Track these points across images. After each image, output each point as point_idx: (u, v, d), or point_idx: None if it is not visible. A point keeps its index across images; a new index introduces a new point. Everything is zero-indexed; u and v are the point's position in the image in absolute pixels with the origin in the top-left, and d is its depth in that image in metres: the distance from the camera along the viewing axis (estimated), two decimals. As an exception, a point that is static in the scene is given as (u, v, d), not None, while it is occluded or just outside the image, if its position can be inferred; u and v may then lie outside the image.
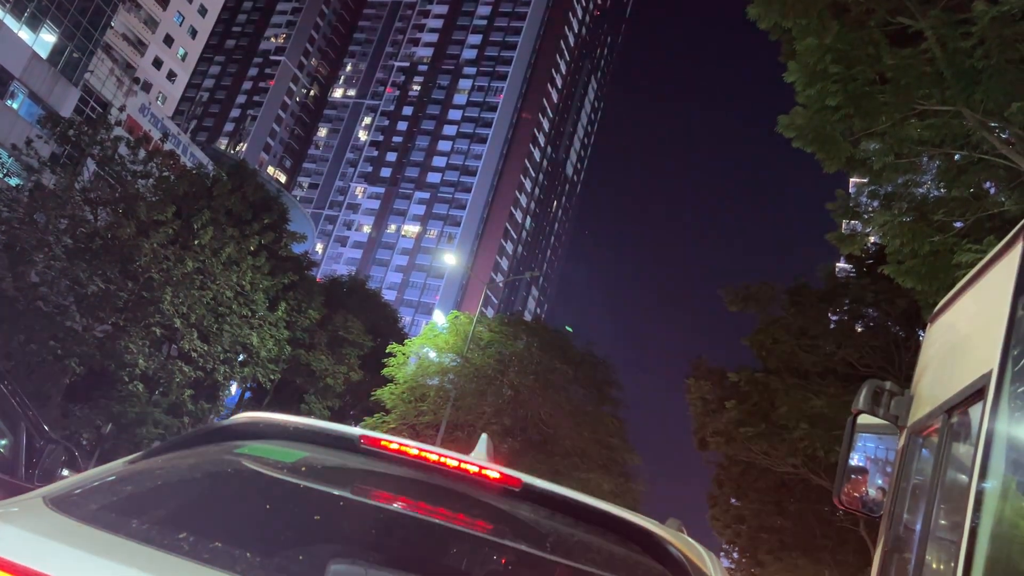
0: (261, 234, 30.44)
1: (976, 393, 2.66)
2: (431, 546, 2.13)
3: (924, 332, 16.48)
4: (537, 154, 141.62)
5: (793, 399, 19.33)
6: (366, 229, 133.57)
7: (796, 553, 31.29)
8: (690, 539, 2.23)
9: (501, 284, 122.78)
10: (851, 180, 19.87)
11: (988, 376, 2.54)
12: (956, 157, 12.18)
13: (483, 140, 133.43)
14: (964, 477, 2.82)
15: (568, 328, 34.05)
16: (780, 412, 19.55)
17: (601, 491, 31.65)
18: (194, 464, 2.22)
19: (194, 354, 29.37)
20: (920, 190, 12.54)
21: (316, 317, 33.89)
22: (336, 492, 2.21)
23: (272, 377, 32.68)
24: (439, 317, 38.59)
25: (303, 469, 2.24)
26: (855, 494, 3.24)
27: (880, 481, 3.25)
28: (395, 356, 31.69)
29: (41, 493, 1.87)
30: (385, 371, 31.48)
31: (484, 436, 2.72)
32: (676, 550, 2.00)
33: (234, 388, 35.12)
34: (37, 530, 1.65)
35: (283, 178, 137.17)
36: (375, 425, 31.24)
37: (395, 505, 2.18)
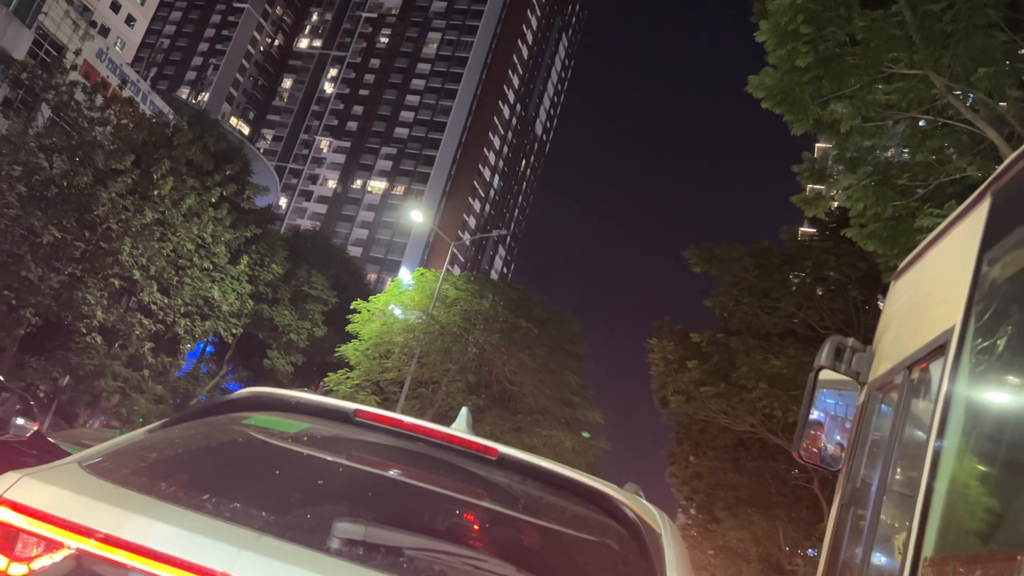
0: (223, 186, 29.77)
1: (937, 349, 2.66)
2: (419, 507, 2.33)
3: (883, 296, 16.83)
4: (506, 111, 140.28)
5: (753, 359, 19.63)
6: (331, 183, 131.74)
7: (751, 509, 32.05)
8: (645, 501, 2.47)
9: (468, 242, 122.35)
10: (816, 146, 20.00)
11: (950, 332, 2.54)
12: (921, 123, 12.29)
13: (452, 95, 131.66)
14: (922, 433, 2.84)
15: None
16: (740, 372, 19.85)
17: (563, 448, 32.07)
18: (208, 433, 2.48)
19: (154, 307, 28.90)
20: (885, 155, 12.64)
21: (279, 271, 33.46)
22: (335, 459, 2.43)
23: (234, 331, 32.32)
24: (405, 275, 38.41)
25: (305, 439, 2.48)
26: (814, 448, 3.25)
27: (839, 436, 3.27)
28: (360, 313, 31.50)
29: (76, 459, 2.09)
30: (350, 327, 31.30)
31: (464, 409, 2.94)
32: (631, 511, 2.25)
33: (194, 343, 34.70)
34: (81, 491, 1.86)
35: (246, 130, 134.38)
36: (339, 381, 31.18)
37: (387, 471, 2.42)
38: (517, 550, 2.26)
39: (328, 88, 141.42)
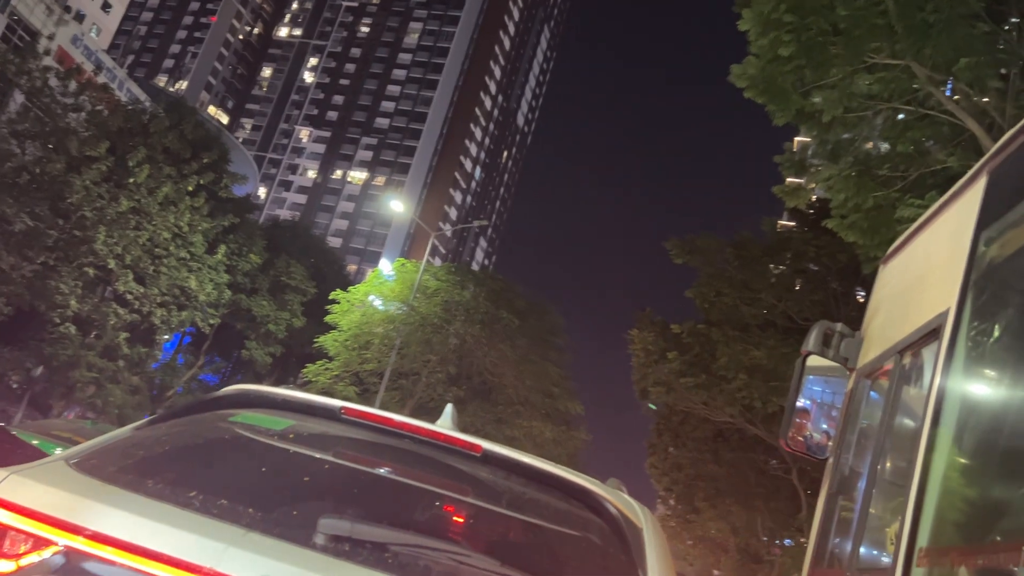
0: (200, 174, 29.37)
1: (930, 334, 2.58)
2: (405, 503, 2.36)
3: (863, 287, 16.86)
4: (488, 102, 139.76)
5: (733, 350, 19.65)
6: (311, 174, 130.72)
7: (730, 500, 32.21)
8: (627, 497, 2.48)
9: (449, 233, 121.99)
10: (796, 139, 20.01)
11: (944, 316, 2.46)
12: (900, 116, 12.28)
13: (433, 86, 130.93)
14: (915, 421, 2.76)
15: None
16: (721, 363, 19.87)
17: (544, 439, 32.04)
18: (195, 431, 2.50)
19: (129, 296, 28.49)
20: (866, 146, 12.63)
21: (257, 261, 33.09)
22: (321, 456, 2.45)
23: (211, 322, 31.97)
24: (385, 266, 38.15)
25: (291, 436, 2.50)
26: (800, 436, 3.17)
27: (827, 424, 3.19)
28: (339, 303, 31.24)
29: (63, 456, 2.09)
30: (329, 318, 31.03)
31: (449, 406, 2.99)
32: (612, 506, 2.28)
33: (171, 334, 34.29)
34: (69, 488, 1.87)
35: (225, 119, 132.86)
36: (318, 372, 30.92)
37: (373, 468, 2.44)
38: (501, 545, 2.31)
39: (308, 77, 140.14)
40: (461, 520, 2.38)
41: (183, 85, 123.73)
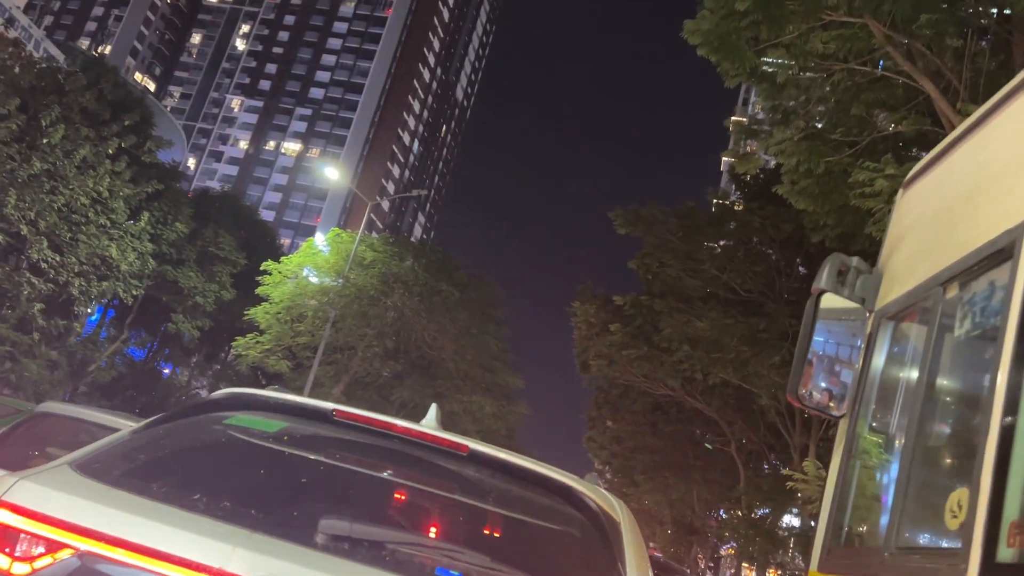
0: (121, 136, 27.70)
1: (995, 255, 2.06)
2: (397, 502, 2.49)
3: (804, 261, 16.59)
4: (426, 75, 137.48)
5: (677, 321, 19.44)
6: (243, 145, 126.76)
7: (668, 472, 32.40)
8: (605, 492, 2.55)
9: (386, 204, 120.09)
10: (732, 119, 19.67)
11: (1018, 231, 1.94)
12: (856, 78, 11.97)
13: (370, 56, 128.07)
14: (973, 366, 2.25)
15: None
16: (664, 333, 19.66)
17: (483, 413, 31.60)
18: (192, 434, 2.59)
19: (44, 265, 26.82)
20: (820, 108, 12.32)
21: (184, 230, 31.47)
22: (316, 457, 2.55)
23: (135, 293, 30.38)
24: (321, 239, 36.97)
25: (285, 438, 2.56)
26: (812, 390, 2.64)
27: (843, 376, 2.67)
28: (271, 274, 30.06)
29: (65, 460, 2.13)
30: (260, 290, 29.84)
31: (434, 406, 2.98)
32: (593, 502, 2.37)
33: (91, 306, 32.55)
34: (77, 492, 1.92)
35: (152, 86, 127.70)
36: (248, 346, 29.78)
37: (366, 468, 2.53)
38: (488, 540, 2.42)
39: (240, 45, 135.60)
40: (451, 517, 2.50)
41: (107, 49, 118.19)
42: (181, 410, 2.67)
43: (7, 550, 1.85)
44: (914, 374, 2.44)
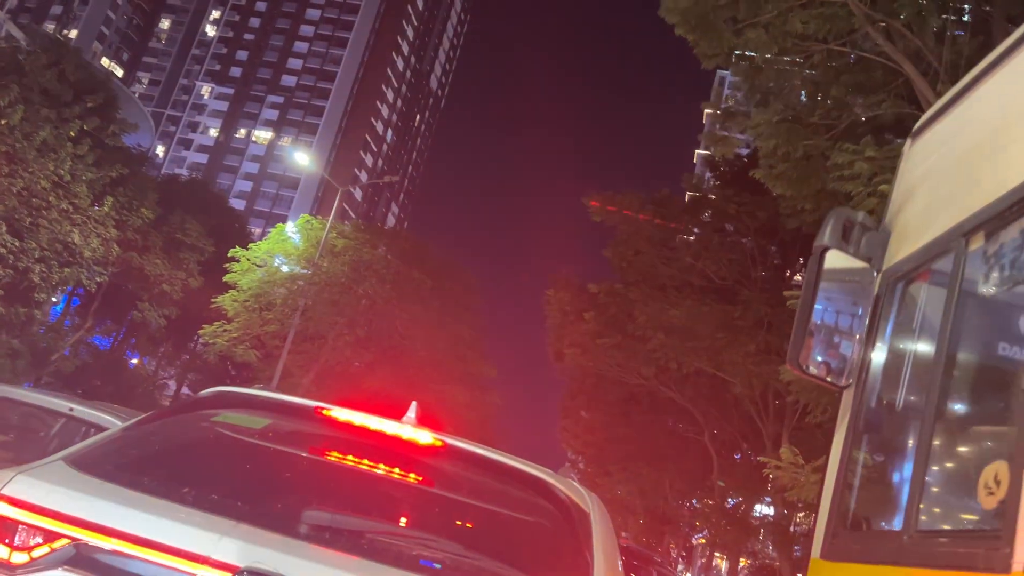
0: (83, 118, 26.91)
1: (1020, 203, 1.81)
2: (376, 494, 2.57)
3: (778, 247, 16.38)
4: (400, 63, 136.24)
5: (652, 309, 19.27)
6: (213, 132, 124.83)
7: (640, 462, 32.33)
8: (577, 485, 2.65)
9: (359, 193, 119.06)
10: (705, 112, 19.55)
11: None
12: (833, 64, 11.80)
13: (343, 44, 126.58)
14: (995, 325, 1.99)
15: None
16: (639, 322, 19.48)
17: (456, 403, 31.28)
18: (181, 430, 2.69)
19: (3, 251, 26.02)
20: (798, 91, 12.15)
21: (149, 216, 30.65)
22: (299, 453, 2.68)
23: (98, 280, 29.61)
24: (291, 227, 36.36)
25: (270, 434, 2.67)
26: (814, 358, 2.37)
27: (848, 343, 2.40)
28: (239, 261, 29.46)
29: (60, 456, 2.28)
30: (227, 277, 29.24)
31: (414, 403, 2.99)
32: (563, 494, 2.45)
33: (52, 293, 31.70)
34: (72, 486, 2.06)
35: (120, 72, 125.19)
36: (216, 334, 29.19)
37: (346, 462, 2.63)
38: (462, 530, 2.54)
39: (210, 31, 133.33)
40: (427, 509, 2.60)
41: (73, 34, 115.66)
42: (171, 408, 2.91)
43: (6, 541, 1.96)
44: (931, 338, 2.18)
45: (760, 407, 20.87)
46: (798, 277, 20.03)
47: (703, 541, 40.42)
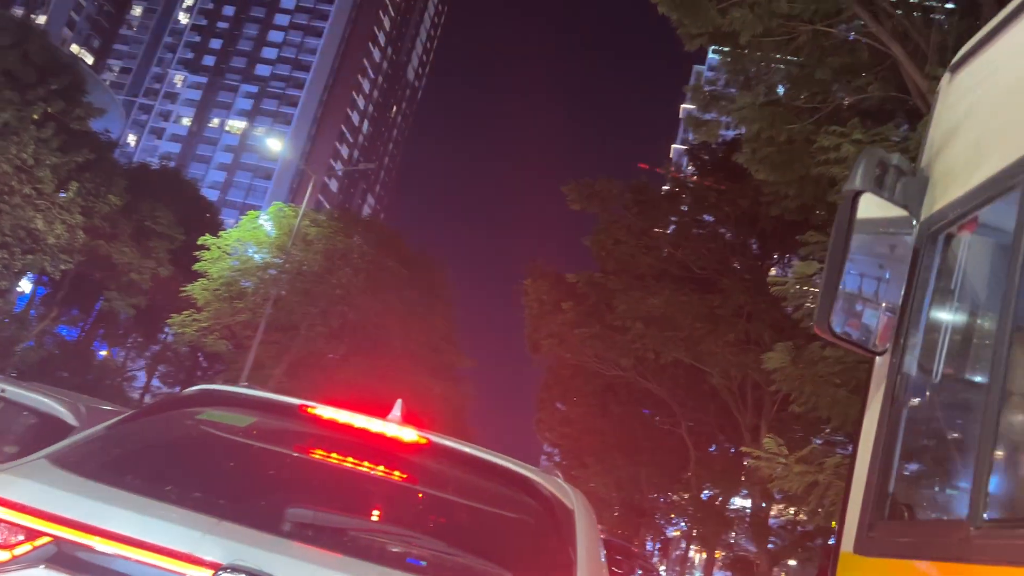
0: (47, 101, 26.13)
1: None
2: (360, 492, 2.63)
3: (758, 239, 16.10)
4: (377, 54, 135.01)
5: (631, 298, 19.00)
6: (185, 121, 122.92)
7: (617, 454, 32.15)
8: (561, 482, 2.64)
9: (335, 185, 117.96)
10: (682, 107, 19.30)
11: None
12: (822, 41, 11.54)
13: (318, 34, 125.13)
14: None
15: None
16: (619, 311, 19.19)
17: (431, 395, 30.87)
18: (166, 428, 2.73)
19: (-37, 237, 25.25)
20: (783, 72, 11.88)
21: (117, 203, 29.84)
22: (284, 451, 2.75)
23: (63, 267, 28.81)
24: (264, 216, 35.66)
25: (255, 432, 2.73)
26: (848, 318, 2.03)
27: (885, 300, 2.07)
28: (209, 250, 28.80)
29: (43, 454, 2.25)
30: (197, 266, 28.58)
31: (399, 401, 2.95)
32: (547, 491, 2.50)
33: (13, 280, 30.84)
34: (54, 484, 2.05)
35: (90, 59, 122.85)
36: (185, 323, 28.55)
37: (331, 460, 2.69)
38: (447, 528, 2.56)
39: (183, 18, 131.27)
40: (411, 506, 2.61)
41: (42, 20, 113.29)
42: (157, 405, 2.88)
43: None
44: (988, 295, 1.84)
45: (738, 398, 20.70)
46: (773, 272, 19.82)
47: (678, 534, 40.40)
